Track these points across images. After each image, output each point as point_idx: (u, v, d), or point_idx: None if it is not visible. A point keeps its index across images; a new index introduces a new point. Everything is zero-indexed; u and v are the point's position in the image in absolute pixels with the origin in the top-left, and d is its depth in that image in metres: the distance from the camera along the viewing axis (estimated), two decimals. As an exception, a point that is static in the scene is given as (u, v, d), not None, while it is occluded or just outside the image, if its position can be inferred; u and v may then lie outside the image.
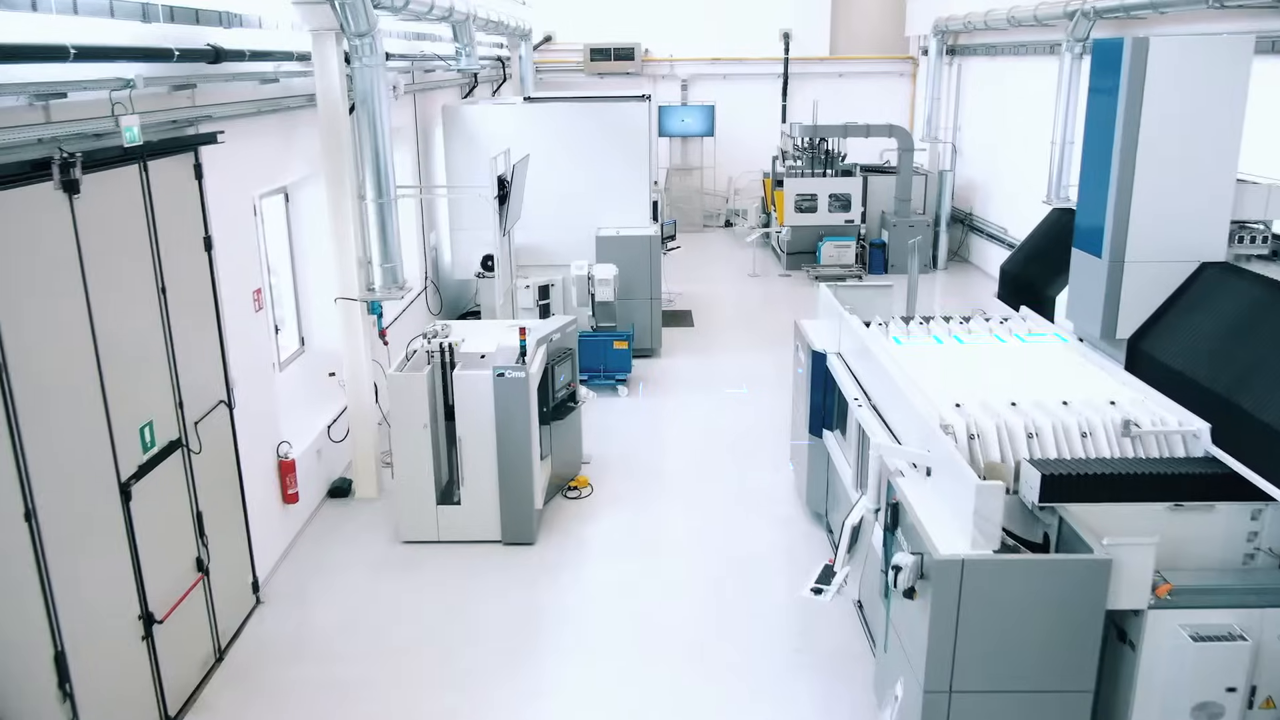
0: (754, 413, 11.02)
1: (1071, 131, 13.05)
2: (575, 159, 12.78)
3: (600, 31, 21.73)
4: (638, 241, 12.49)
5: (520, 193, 10.55)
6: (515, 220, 10.69)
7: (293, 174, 8.46)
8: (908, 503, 5.23)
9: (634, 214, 12.97)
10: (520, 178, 10.34)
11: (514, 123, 12.69)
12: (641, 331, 12.71)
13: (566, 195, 12.86)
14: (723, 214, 22.67)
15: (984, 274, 17.54)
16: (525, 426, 7.79)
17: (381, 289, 8.40)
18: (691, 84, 22.20)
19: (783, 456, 9.71)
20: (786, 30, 21.89)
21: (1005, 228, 16.72)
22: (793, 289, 16.86)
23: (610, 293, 11.60)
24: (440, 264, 13.81)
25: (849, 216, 17.69)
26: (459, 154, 12.71)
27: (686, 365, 12.74)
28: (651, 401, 11.43)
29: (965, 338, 7.36)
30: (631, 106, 12.82)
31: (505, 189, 9.71)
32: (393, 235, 8.32)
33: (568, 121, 12.74)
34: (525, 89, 18.87)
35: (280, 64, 7.75)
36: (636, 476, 9.47)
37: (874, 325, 7.69)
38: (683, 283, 16.81)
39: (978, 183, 18.22)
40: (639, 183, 12.94)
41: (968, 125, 18.84)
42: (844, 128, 17.49)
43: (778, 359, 12.80)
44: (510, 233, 10.87)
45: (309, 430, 8.74)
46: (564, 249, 12.95)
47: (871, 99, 21.84)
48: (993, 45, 17.15)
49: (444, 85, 14.19)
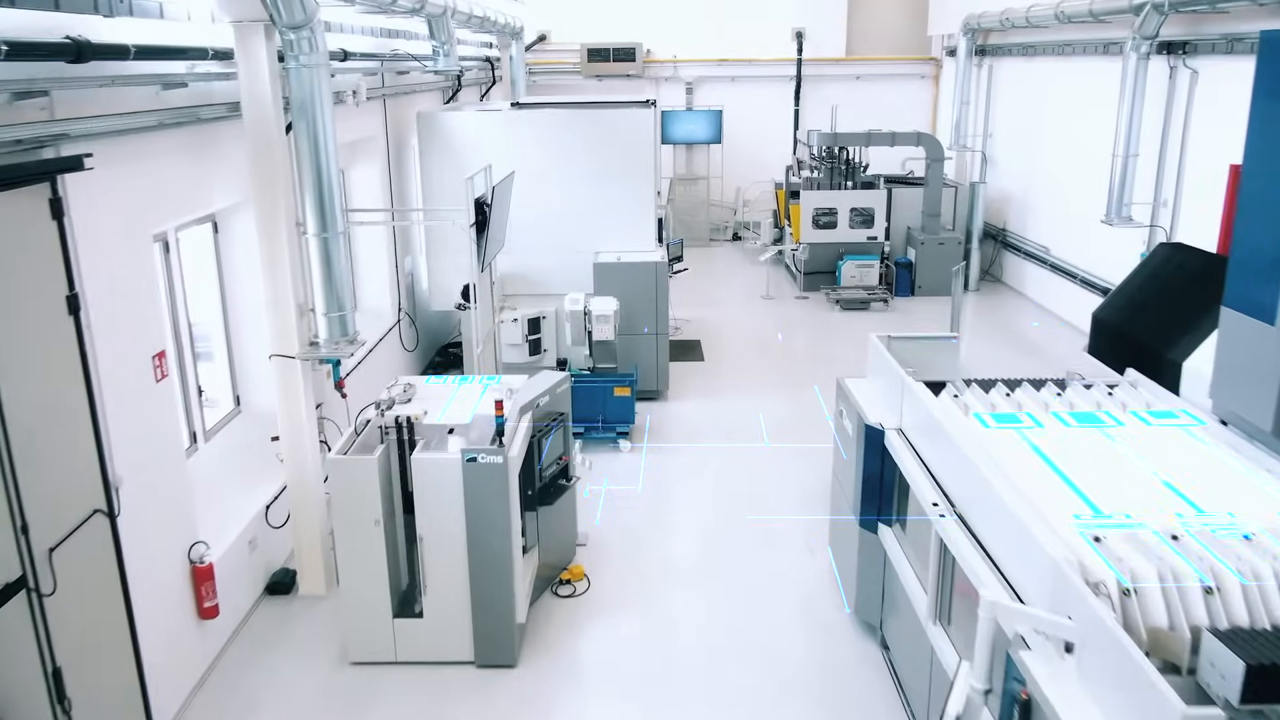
0: (778, 472, 9.38)
1: (1136, 142, 11.44)
2: (570, 174, 11.16)
3: (599, 31, 20.11)
4: (642, 269, 10.87)
5: (503, 217, 8.93)
6: (497, 250, 9.06)
7: (212, 202, 6.82)
8: (1047, 701, 3.60)
9: (637, 236, 11.35)
10: (503, 199, 8.71)
11: (499, 132, 11.07)
12: (646, 371, 11.09)
13: (560, 215, 11.24)
14: (730, 226, 21.05)
15: (1019, 296, 15.92)
16: (504, 521, 6.16)
17: (326, 343, 6.76)
18: (697, 87, 20.59)
19: (816, 533, 8.09)
20: (799, 29, 20.28)
21: (1047, 246, 15.10)
22: (812, 314, 15.23)
23: (610, 331, 9.97)
24: (417, 292, 12.17)
25: (872, 233, 16.07)
26: (437, 167, 11.09)
27: (697, 410, 11.10)
28: (658, 459, 9.79)
29: (1068, 417, 5.73)
30: (634, 114, 11.20)
31: (484, 214, 8.08)
32: (340, 276, 6.69)
33: (561, 131, 11.12)
34: (516, 93, 17.24)
35: (195, 64, 6.14)
36: (642, 561, 7.84)
37: (945, 395, 6.06)
38: (690, 306, 15.18)
39: (1012, 196, 16.61)
40: (643, 200, 11.32)
41: (999, 132, 17.22)
42: (867, 135, 15.87)
43: (799, 401, 11.17)
44: (492, 264, 9.24)
45: (242, 513, 7.11)
46: (557, 276, 11.34)
47: (890, 103, 20.26)
48: (1030, 45, 15.54)
49: (421, 89, 12.56)
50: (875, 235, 16.09)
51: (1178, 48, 11.34)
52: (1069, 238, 14.34)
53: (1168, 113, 11.59)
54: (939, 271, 16.03)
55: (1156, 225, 11.76)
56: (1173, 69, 11.47)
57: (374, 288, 11.08)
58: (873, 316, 14.98)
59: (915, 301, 15.79)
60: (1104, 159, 12.72)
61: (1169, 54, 11.46)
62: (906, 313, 15.22)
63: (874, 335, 7.02)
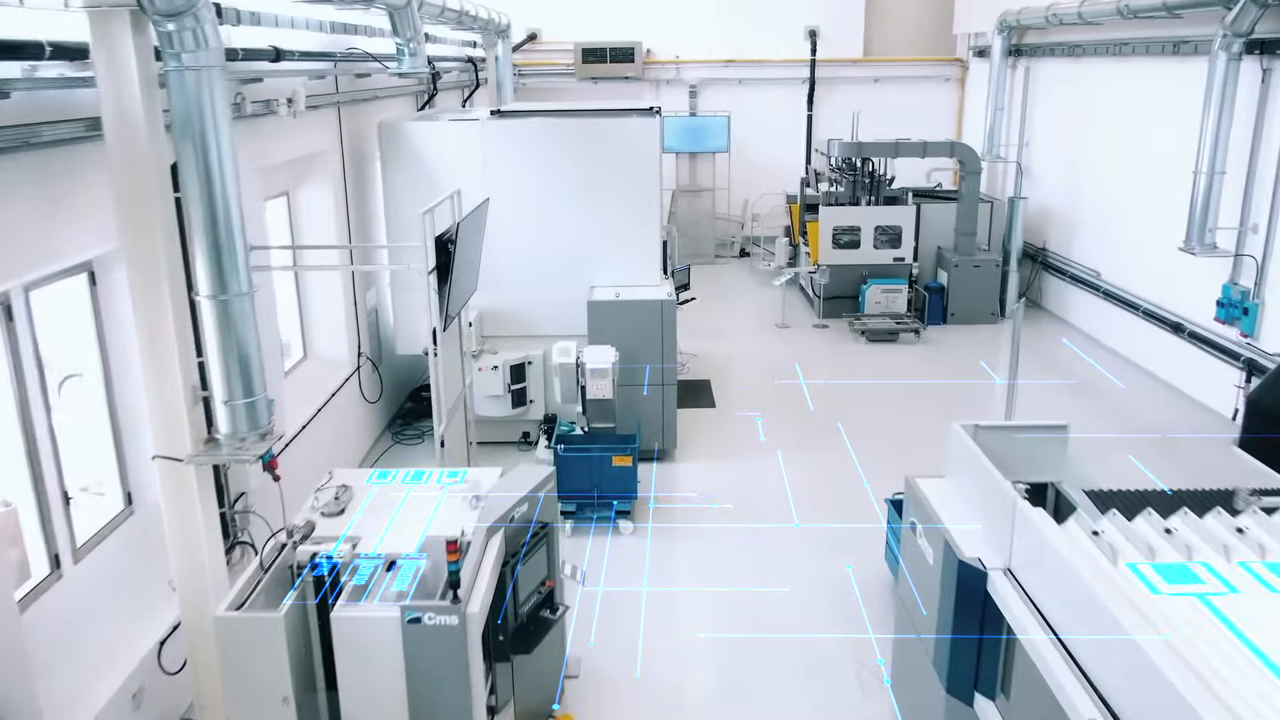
0: (814, 565, 7.67)
1: (1223, 158, 9.76)
2: (560, 194, 9.47)
3: (594, 29, 18.41)
4: (645, 309, 9.16)
5: (474, 255, 7.22)
6: (466, 297, 7.35)
7: (69, 252, 5.10)
8: None
9: (639, 267, 9.66)
10: (473, 234, 7.01)
11: (476, 145, 9.36)
12: (650, 425, 9.38)
13: (549, 243, 9.56)
14: (738, 242, 19.36)
15: (1063, 324, 14.22)
16: (461, 697, 4.45)
17: (229, 440, 5.05)
18: (701, 90, 18.89)
19: (868, 656, 6.40)
20: (813, 27, 18.59)
21: (1097, 270, 13.42)
22: (833, 346, 13.53)
23: (608, 387, 8.27)
24: (382, 332, 10.45)
25: (899, 254, 14.38)
26: (402, 187, 9.38)
27: (711, 474, 9.39)
28: (666, 544, 8.07)
29: (1263, 569, 4.03)
30: (635, 123, 9.51)
31: (448, 255, 6.36)
32: (247, 350, 4.98)
33: (550, 144, 9.42)
34: (503, 97, 15.53)
35: (33, 65, 4.44)
36: (647, 700, 6.13)
37: (1076, 528, 4.36)
38: (697, 336, 13.47)
39: (1053, 212, 14.92)
40: (646, 225, 9.62)
41: (1038, 141, 15.54)
42: (895, 145, 14.17)
43: (828, 459, 9.47)
44: (461, 313, 7.54)
45: (128, 653, 5.39)
46: (545, 315, 9.67)
47: (912, 108, 18.60)
48: (1077, 44, 13.86)
49: (388, 94, 10.83)
50: (903, 256, 14.41)
51: (1272, 47, 9.66)
52: (1127, 262, 12.66)
53: (1259, 123, 9.89)
54: (975, 297, 14.35)
55: (1244, 254, 10.07)
56: (1266, 71, 9.78)
57: (328, 330, 9.37)
58: (902, 350, 13.28)
59: (949, 331, 14.10)
60: (1172, 175, 11.09)
61: (1261, 54, 9.77)
62: (939, 344, 13.52)
63: (957, 426, 5.31)
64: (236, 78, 6.61)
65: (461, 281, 6.81)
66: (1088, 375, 12.17)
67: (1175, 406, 11.02)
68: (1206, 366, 10.74)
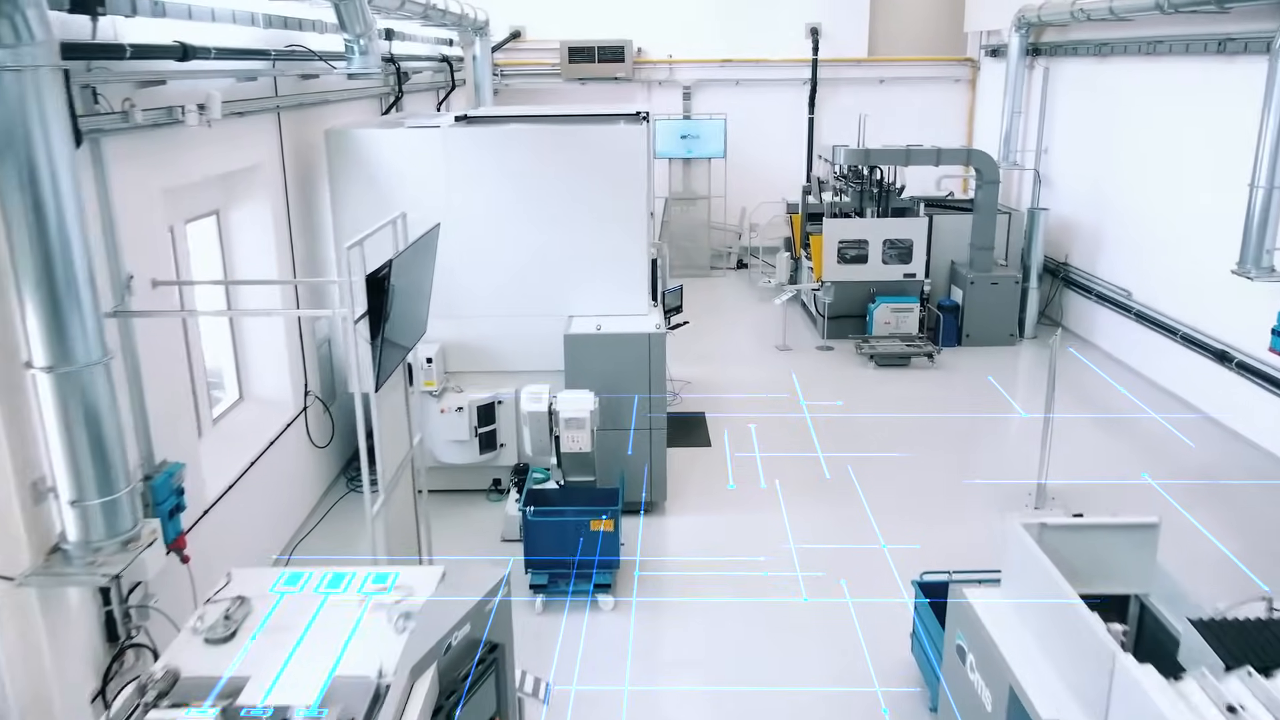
0: (825, 659, 6.53)
1: (1285, 170, 8.64)
2: (534, 212, 8.34)
3: (582, 27, 17.25)
4: (630, 343, 8.03)
5: (418, 293, 6.06)
6: (412, 342, 6.19)
7: None
8: None
9: (624, 293, 8.53)
10: (418, 268, 5.85)
11: (437, 156, 8.22)
12: (636, 473, 8.26)
13: (522, 267, 8.44)
14: (735, 253, 18.23)
15: (1089, 346, 13.11)
16: None
17: (79, 549, 3.90)
18: (696, 92, 17.76)
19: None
20: (815, 25, 17.46)
21: (1128, 290, 12.30)
22: (839, 371, 12.40)
23: (586, 439, 7.13)
24: (334, 366, 9.29)
25: (910, 269, 13.27)
26: (353, 204, 8.24)
27: (705, 531, 8.25)
28: (652, 626, 6.91)
29: None
30: (621, 131, 8.38)
31: (383, 295, 5.21)
32: (106, 434, 3.83)
33: (523, 154, 8.29)
34: (481, 99, 14.41)
35: None
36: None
37: (1197, 689, 3.23)
38: (690, 360, 12.35)
39: (1076, 224, 13.80)
40: (632, 246, 8.50)
41: (1058, 147, 14.42)
42: (906, 152, 13.04)
43: (838, 510, 8.33)
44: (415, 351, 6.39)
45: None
46: (517, 347, 8.57)
47: (919, 111, 17.49)
48: (1104, 42, 12.75)
49: (342, 98, 9.67)
50: (914, 272, 13.30)
51: (1339, 45, 8.55)
52: (1163, 281, 11.54)
53: (1322, 130, 8.77)
54: (992, 317, 13.22)
55: (1306, 277, 8.96)
56: (1332, 73, 8.66)
57: (269, 367, 8.21)
58: (915, 376, 12.15)
59: (964, 354, 12.97)
60: (1215, 187, 10.00)
61: (1326, 53, 8.65)
62: (954, 369, 12.39)
63: (1017, 526, 4.17)
64: (133, 80, 5.47)
65: (403, 326, 5.66)
66: (1116, 401, 11.05)
67: (1222, 445, 9.90)
68: (1259, 401, 9.63)
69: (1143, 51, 11.87)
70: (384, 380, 5.26)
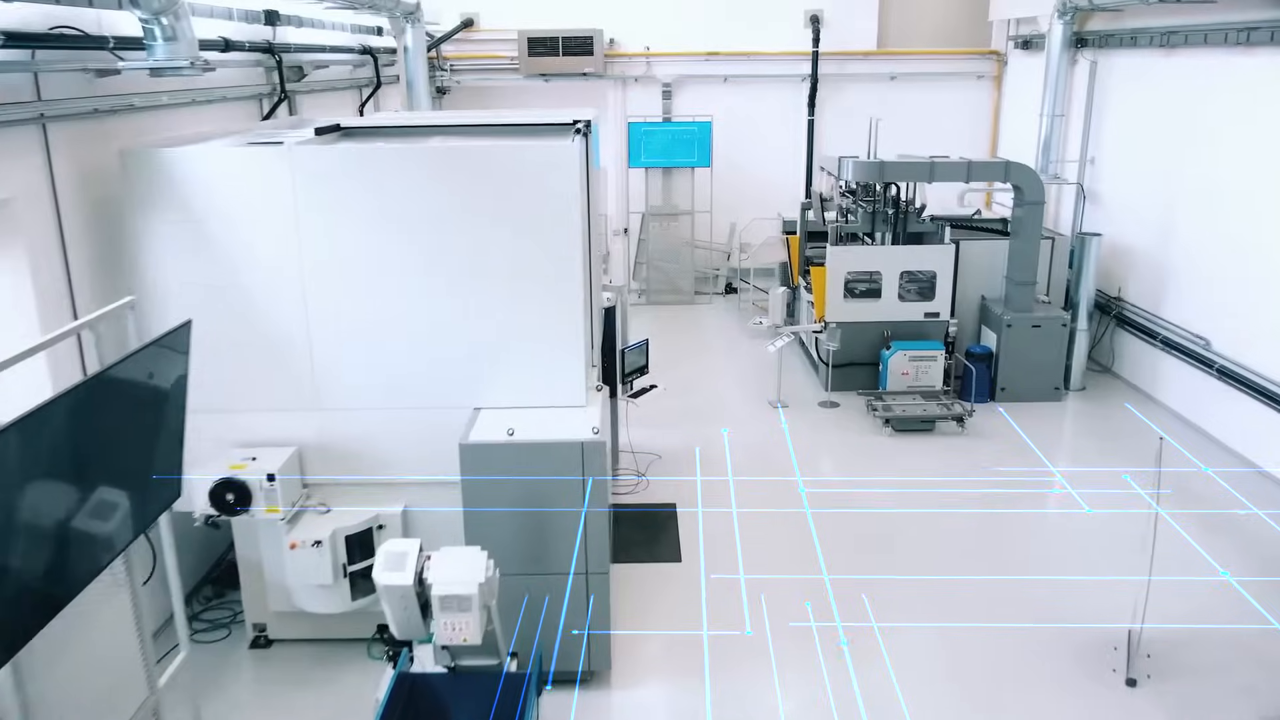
0: None
1: None
2: (426, 265, 5.92)
3: (545, 14, 14.79)
4: (554, 453, 5.58)
5: (138, 448, 3.62)
6: (143, 523, 3.75)
7: None
8: None
9: (552, 374, 6.10)
10: (142, 404, 3.41)
11: (280, 184, 5.77)
12: (568, 626, 5.84)
13: (410, 341, 6.01)
14: (722, 275, 15.81)
15: (1151, 402, 10.67)
16: None
17: None
18: (677, 90, 15.30)
19: None
20: (815, 12, 15.01)
21: (1206, 339, 9.87)
22: (848, 436, 9.97)
23: (475, 627, 4.67)
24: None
25: (932, 308, 10.85)
26: (159, 252, 5.81)
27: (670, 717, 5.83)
28: None
29: None
30: (545, 151, 5.93)
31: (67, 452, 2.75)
32: None
33: (409, 183, 5.85)
34: (415, 100, 11.97)
35: None
36: None
37: None
38: (661, 422, 9.96)
39: (1131, 251, 11.38)
40: (561, 308, 6.06)
41: (1106, 158, 11.99)
42: (929, 166, 10.59)
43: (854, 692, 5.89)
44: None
45: None
46: (404, 450, 6.18)
47: (936, 113, 15.11)
48: (1172, 30, 10.32)
49: (179, 102, 7.18)
50: (937, 311, 10.88)
51: None
52: (1252, 330, 9.13)
53: None
54: (1033, 367, 10.79)
55: None
56: None
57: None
58: (942, 445, 9.72)
59: (999, 415, 10.51)
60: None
61: None
62: (989, 437, 9.95)
63: None
64: None
65: (117, 500, 3.22)
66: (1202, 487, 8.64)
67: (1356, 560, 7.50)
68: None
69: (1227, 41, 9.43)
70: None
